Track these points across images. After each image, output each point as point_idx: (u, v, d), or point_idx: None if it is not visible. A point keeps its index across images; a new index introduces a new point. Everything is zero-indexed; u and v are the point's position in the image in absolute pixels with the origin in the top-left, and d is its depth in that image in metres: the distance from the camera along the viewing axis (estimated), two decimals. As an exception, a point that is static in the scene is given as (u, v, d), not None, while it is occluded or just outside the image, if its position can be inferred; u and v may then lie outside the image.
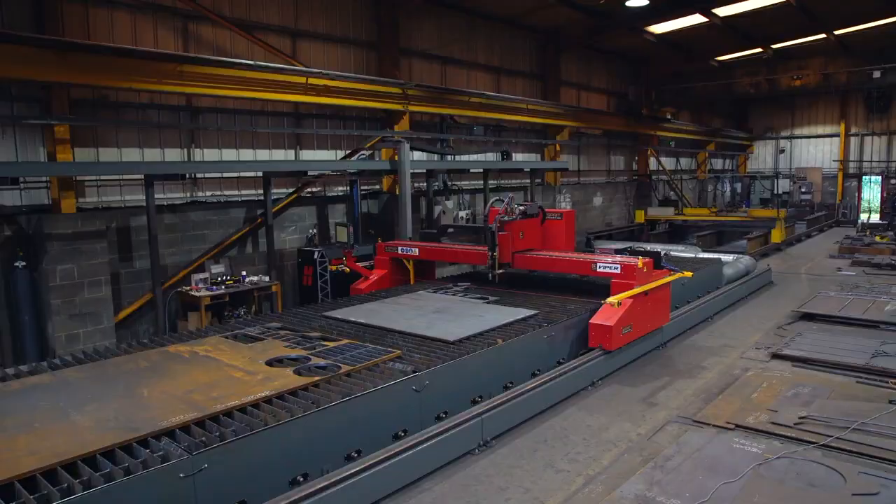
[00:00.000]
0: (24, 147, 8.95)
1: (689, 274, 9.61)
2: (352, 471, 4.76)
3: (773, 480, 5.00)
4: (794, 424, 6.04)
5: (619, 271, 8.17)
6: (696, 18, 18.22)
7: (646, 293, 8.15)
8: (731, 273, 13.01)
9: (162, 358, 6.19)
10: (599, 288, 8.79)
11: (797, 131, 31.37)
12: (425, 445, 5.28)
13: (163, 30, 10.32)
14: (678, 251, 14.73)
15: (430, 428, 5.51)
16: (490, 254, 8.87)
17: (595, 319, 7.79)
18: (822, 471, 5.13)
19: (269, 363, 5.92)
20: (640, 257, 8.41)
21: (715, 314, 11.07)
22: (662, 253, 10.01)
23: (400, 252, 10.38)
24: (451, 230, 12.02)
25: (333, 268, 11.02)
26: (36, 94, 9.00)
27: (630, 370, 8.14)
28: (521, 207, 9.37)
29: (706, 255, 14.12)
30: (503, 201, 9.17)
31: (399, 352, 6.24)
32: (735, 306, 11.84)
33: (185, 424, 4.57)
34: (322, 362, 5.90)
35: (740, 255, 14.73)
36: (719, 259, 13.21)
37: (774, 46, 21.68)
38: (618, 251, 10.25)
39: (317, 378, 5.49)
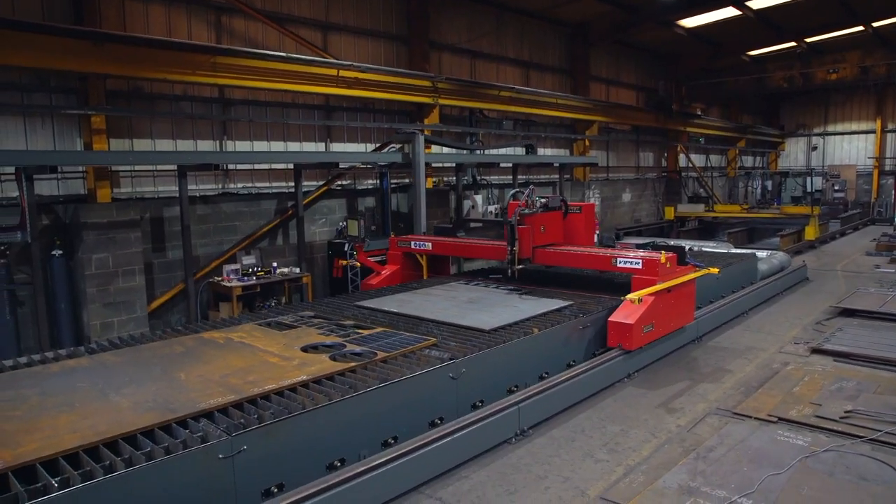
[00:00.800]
0: (61, 138, 9.06)
1: (715, 270, 9.23)
2: (389, 456, 4.71)
3: (821, 473, 4.85)
4: (840, 418, 5.87)
5: (640, 267, 7.75)
6: (729, 11, 17.91)
7: (669, 290, 7.73)
8: (765, 269, 12.75)
9: (197, 343, 6.20)
10: (626, 285, 8.41)
11: (830, 128, 30.78)
12: (462, 433, 5.21)
13: (196, 22, 10.38)
14: (710, 247, 14.50)
15: (467, 416, 5.44)
16: (509, 248, 8.44)
17: (614, 317, 7.38)
18: (872, 465, 4.97)
19: (305, 349, 5.90)
20: (663, 252, 7.96)
21: (750, 309, 10.84)
22: (687, 248, 9.48)
23: (413, 247, 10.02)
24: (470, 225, 11.82)
25: (344, 262, 10.83)
26: (73, 86, 9.11)
27: (666, 363, 7.99)
28: (543, 200, 8.95)
29: (740, 251, 13.86)
30: (524, 193, 8.77)
31: (434, 339, 6.18)
32: (770, 302, 11.59)
33: (223, 406, 4.55)
34: (357, 349, 5.86)
35: (774, 251, 14.45)
36: (754, 254, 12.96)
37: (809, 40, 21.27)
38: (639, 246, 9.83)
39: (353, 364, 5.45)
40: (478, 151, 14.59)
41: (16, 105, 8.55)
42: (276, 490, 4.37)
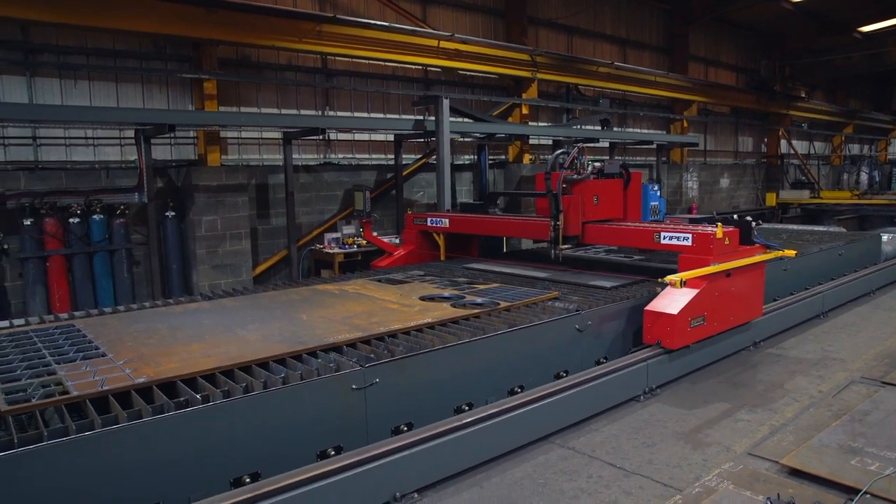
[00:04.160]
0: (175, 104, 9.30)
1: (791, 253, 7.05)
2: (518, 402, 4.48)
3: None
4: None
5: (689, 243, 6.09)
6: (844, -19, 16.81)
7: (727, 273, 6.02)
8: (889, 250, 11.90)
9: (312, 293, 6.17)
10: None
11: (951, 113, 28.55)
12: (591, 385, 4.93)
13: (301, -8, 10.49)
14: (821, 229, 13.65)
15: (594, 368, 5.16)
16: (553, 223, 6.67)
17: (652, 306, 5.71)
18: None
19: (423, 299, 5.76)
20: (720, 225, 6.18)
21: (877, 289, 10.07)
22: (754, 223, 7.12)
23: (429, 224, 8.76)
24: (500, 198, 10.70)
25: (350, 241, 10.25)
26: (186, 54, 9.32)
27: (791, 334, 7.46)
28: (597, 164, 7.24)
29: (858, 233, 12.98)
30: (568, 154, 6.92)
31: (556, 293, 5.92)
32: (898, 283, 10.75)
33: (352, 342, 4.45)
34: (478, 299, 5.67)
35: (897, 234, 13.44)
36: (878, 234, 12.09)
37: (933, 12, 19.68)
38: (693, 220, 7.84)
39: (477, 311, 5.26)
40: (575, 126, 14.16)
41: (136, 69, 8.82)
42: (405, 428, 4.23)
